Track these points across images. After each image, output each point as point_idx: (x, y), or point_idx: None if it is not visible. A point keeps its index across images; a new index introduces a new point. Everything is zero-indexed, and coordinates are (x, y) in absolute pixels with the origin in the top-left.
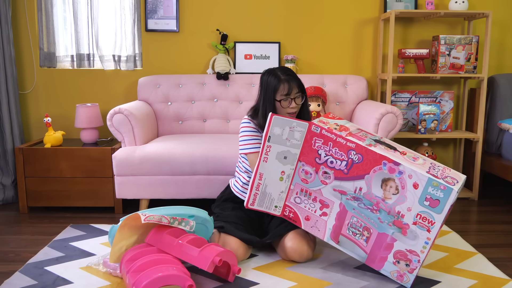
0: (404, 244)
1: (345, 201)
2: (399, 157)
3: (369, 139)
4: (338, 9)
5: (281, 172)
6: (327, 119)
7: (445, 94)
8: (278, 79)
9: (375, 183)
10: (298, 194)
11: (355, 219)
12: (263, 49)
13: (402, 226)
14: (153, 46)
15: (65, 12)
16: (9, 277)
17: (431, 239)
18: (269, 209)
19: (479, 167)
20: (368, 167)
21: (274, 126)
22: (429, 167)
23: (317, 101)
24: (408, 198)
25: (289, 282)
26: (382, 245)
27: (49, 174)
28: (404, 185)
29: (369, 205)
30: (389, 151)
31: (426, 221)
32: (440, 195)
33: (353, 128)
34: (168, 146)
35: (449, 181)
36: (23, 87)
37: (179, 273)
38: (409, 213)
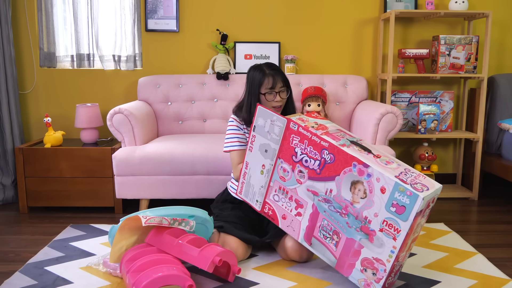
0: (371, 251)
1: (317, 202)
2: (370, 159)
3: (345, 139)
4: (338, 9)
5: (262, 165)
6: (307, 117)
7: (445, 94)
8: (263, 73)
9: (344, 186)
10: (277, 191)
11: (326, 222)
12: (263, 49)
13: (369, 232)
14: (153, 46)
15: (65, 12)
16: (9, 277)
17: (397, 248)
18: (251, 201)
19: (479, 167)
20: (339, 168)
21: (259, 117)
22: (401, 172)
23: (317, 101)
24: (375, 203)
25: (289, 282)
26: (350, 251)
27: (49, 174)
28: (372, 188)
29: (339, 209)
30: (362, 152)
31: (392, 228)
32: (406, 201)
33: (333, 128)
34: (168, 146)
35: (418, 188)
36: (23, 87)
37: (179, 273)
38: (376, 219)
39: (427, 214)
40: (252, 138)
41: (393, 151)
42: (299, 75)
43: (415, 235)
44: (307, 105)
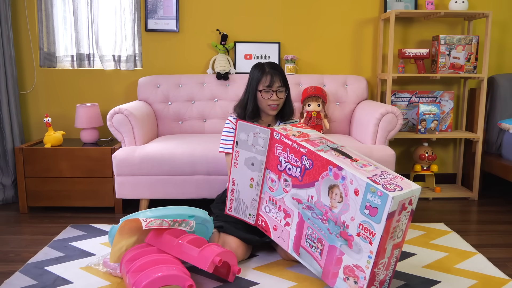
0: (351, 258)
1: (301, 210)
2: (346, 162)
3: (324, 145)
4: (338, 9)
5: (250, 178)
6: (291, 126)
7: (445, 94)
8: (262, 71)
9: (323, 191)
10: (267, 202)
11: (310, 230)
12: (263, 49)
13: (348, 237)
14: (153, 46)
15: (65, 12)
16: (9, 277)
17: (374, 252)
18: (244, 216)
19: (479, 167)
20: (317, 173)
21: (240, 132)
22: (376, 174)
23: (317, 101)
24: (351, 207)
25: (289, 282)
26: (333, 259)
27: (49, 174)
28: (347, 191)
29: (320, 215)
30: (338, 157)
31: (368, 232)
32: (377, 202)
33: (315, 136)
34: (168, 146)
35: (389, 188)
36: (23, 87)
37: (179, 273)
38: (353, 223)
39: (407, 218)
40: (236, 154)
41: (393, 151)
42: (299, 75)
43: (395, 240)
44: (307, 105)
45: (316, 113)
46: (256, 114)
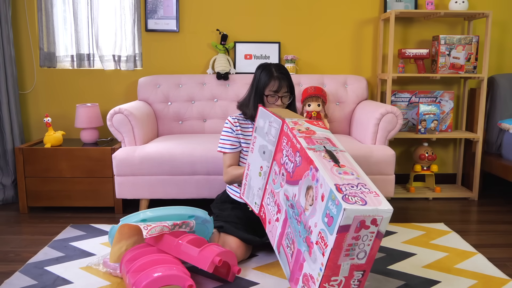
0: (309, 266)
1: (287, 207)
2: (326, 165)
3: (321, 146)
4: (338, 9)
5: (260, 167)
6: (303, 121)
7: (445, 94)
8: (270, 74)
9: (302, 191)
10: (269, 195)
11: (289, 229)
12: (263, 49)
13: (310, 244)
14: (153, 46)
15: (65, 12)
16: (9, 277)
17: (324, 265)
18: (251, 203)
19: (479, 167)
20: (302, 171)
21: (260, 118)
22: (349, 183)
23: (317, 101)
24: (317, 212)
25: None
26: (298, 263)
27: (49, 174)
28: (317, 195)
29: (297, 215)
30: (324, 159)
31: (323, 241)
32: (334, 211)
33: (321, 135)
34: (168, 146)
35: (349, 200)
36: (23, 87)
37: (179, 273)
38: (315, 230)
39: (370, 239)
40: (253, 139)
41: (393, 151)
42: (299, 75)
43: (354, 260)
44: (307, 105)
45: (316, 113)
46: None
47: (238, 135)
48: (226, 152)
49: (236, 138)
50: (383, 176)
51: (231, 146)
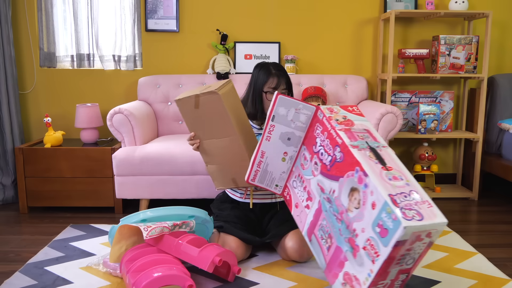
0: (352, 267)
1: (322, 199)
2: (375, 169)
3: (363, 141)
4: (338, 9)
5: (284, 153)
6: (339, 108)
7: (445, 94)
8: (269, 72)
9: (344, 190)
10: (296, 178)
11: (325, 222)
12: (263, 49)
13: (354, 246)
14: (153, 46)
15: (65, 12)
16: (9, 277)
17: (374, 272)
18: (269, 186)
19: (479, 167)
20: (344, 169)
21: (279, 106)
22: (402, 192)
23: (317, 101)
24: (365, 218)
25: (289, 282)
26: (337, 260)
27: (49, 174)
28: (365, 201)
29: (336, 212)
30: (370, 160)
31: (373, 250)
32: (390, 225)
33: (360, 126)
34: (168, 146)
35: (408, 215)
36: (23, 87)
37: (179, 273)
38: (362, 235)
39: (422, 248)
40: (270, 128)
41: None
42: (299, 75)
43: (402, 266)
44: None
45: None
46: (262, 114)
47: None
48: None
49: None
50: None
51: None
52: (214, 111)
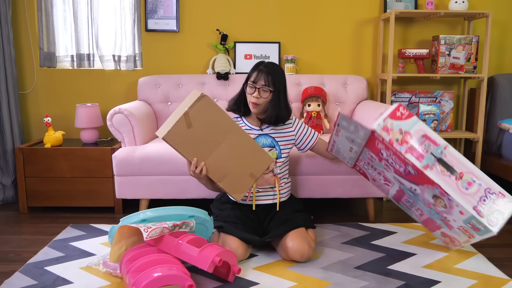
0: (450, 232)
1: (403, 187)
2: (451, 184)
3: (429, 155)
4: (338, 9)
5: (350, 147)
6: (391, 122)
7: (445, 94)
8: (256, 67)
9: (427, 194)
10: (366, 165)
11: (411, 200)
12: (263, 49)
13: (448, 225)
14: (153, 46)
15: (65, 12)
16: (9, 277)
17: (469, 240)
18: (343, 159)
19: (479, 167)
20: (422, 181)
21: (341, 120)
22: (481, 197)
23: (317, 101)
24: (454, 216)
25: (289, 282)
26: (432, 225)
27: (49, 174)
28: (452, 207)
29: (422, 201)
30: (444, 175)
31: (468, 233)
32: (481, 227)
33: (418, 136)
34: (168, 146)
35: (493, 221)
36: (23, 87)
37: (179, 273)
38: (454, 223)
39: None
40: (337, 129)
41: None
42: (299, 75)
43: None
44: (307, 105)
45: (316, 113)
46: (239, 107)
47: None
48: None
49: None
50: None
51: None
52: (209, 116)
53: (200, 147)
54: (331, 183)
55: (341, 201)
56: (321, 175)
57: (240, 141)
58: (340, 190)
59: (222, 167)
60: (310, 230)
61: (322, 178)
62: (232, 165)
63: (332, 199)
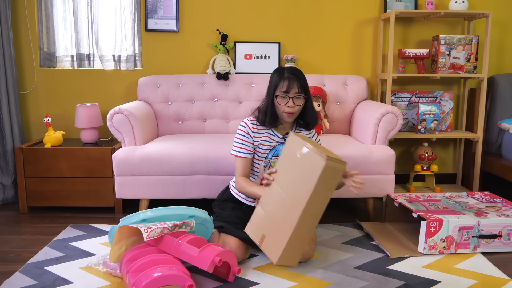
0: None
1: None
2: None
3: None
4: (338, 9)
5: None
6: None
7: (445, 94)
8: (281, 75)
9: None
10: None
11: None
12: (263, 49)
13: None
14: (153, 46)
15: (65, 12)
16: (9, 277)
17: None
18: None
19: (479, 167)
20: None
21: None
22: None
23: (317, 101)
24: None
25: (289, 282)
26: None
27: (49, 174)
28: None
29: None
30: None
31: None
32: None
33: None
34: (168, 146)
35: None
36: (23, 87)
37: (179, 273)
38: None
39: None
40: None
41: (393, 151)
42: None
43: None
44: None
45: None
46: (275, 120)
47: (255, 141)
48: (240, 156)
49: (252, 144)
50: (383, 176)
51: (246, 151)
52: (309, 171)
53: (283, 172)
54: None
55: (341, 201)
56: None
57: (288, 216)
58: (340, 190)
59: (269, 203)
60: None
61: None
62: (269, 211)
63: (332, 199)
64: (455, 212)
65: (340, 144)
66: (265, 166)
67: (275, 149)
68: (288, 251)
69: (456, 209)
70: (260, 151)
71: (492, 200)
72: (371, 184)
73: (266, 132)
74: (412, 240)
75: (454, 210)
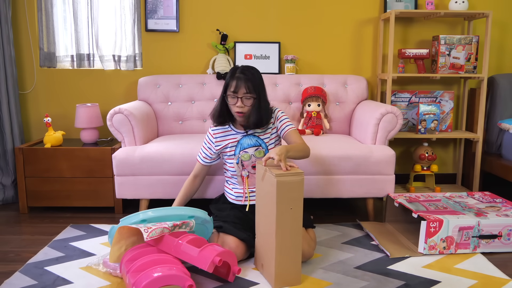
0: None
1: None
2: None
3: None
4: (338, 9)
5: None
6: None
7: (445, 94)
8: (232, 75)
9: None
10: None
11: None
12: (263, 49)
13: None
14: (153, 46)
15: (65, 12)
16: (9, 277)
17: None
18: None
19: (479, 167)
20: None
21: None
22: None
23: (317, 101)
24: None
25: None
26: None
27: (49, 174)
28: None
29: None
30: None
31: None
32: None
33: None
34: (168, 146)
35: None
36: (23, 87)
37: (179, 273)
38: None
39: None
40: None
41: (393, 151)
42: (299, 75)
43: None
44: (307, 105)
45: (316, 113)
46: (230, 119)
47: (219, 145)
48: (198, 160)
49: (214, 152)
50: (383, 176)
51: (204, 158)
52: (270, 191)
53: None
54: (331, 183)
55: (341, 201)
56: (321, 175)
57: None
58: (340, 190)
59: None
60: (310, 230)
61: (322, 178)
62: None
63: (332, 199)
64: (455, 212)
65: (340, 144)
66: (237, 163)
67: (240, 143)
68: (282, 273)
69: (456, 209)
70: (227, 151)
71: (492, 200)
72: (371, 184)
73: (227, 134)
74: (412, 240)
75: (454, 210)
